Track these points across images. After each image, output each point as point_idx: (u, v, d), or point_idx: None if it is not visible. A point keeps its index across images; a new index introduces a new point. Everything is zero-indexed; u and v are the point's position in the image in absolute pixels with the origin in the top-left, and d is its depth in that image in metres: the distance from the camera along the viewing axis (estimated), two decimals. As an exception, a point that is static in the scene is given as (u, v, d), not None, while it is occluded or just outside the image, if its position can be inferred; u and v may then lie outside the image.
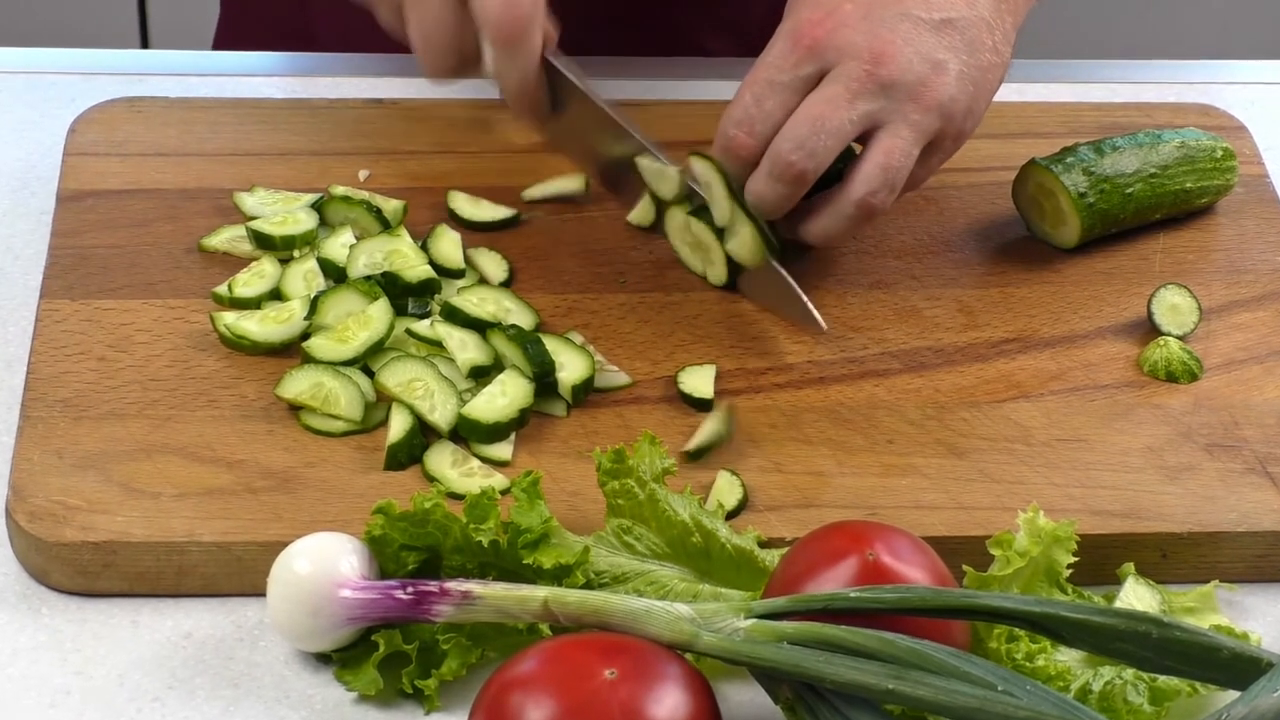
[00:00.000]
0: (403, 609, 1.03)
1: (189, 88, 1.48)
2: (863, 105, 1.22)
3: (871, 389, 1.24)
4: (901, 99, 1.22)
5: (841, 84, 1.22)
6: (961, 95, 1.24)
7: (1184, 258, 1.37)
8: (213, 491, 1.13)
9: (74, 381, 1.19)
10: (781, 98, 1.23)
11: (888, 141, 1.23)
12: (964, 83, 1.24)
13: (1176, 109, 1.51)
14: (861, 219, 1.25)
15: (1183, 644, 0.98)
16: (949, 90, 1.23)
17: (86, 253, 1.30)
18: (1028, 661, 1.04)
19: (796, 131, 1.22)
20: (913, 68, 1.22)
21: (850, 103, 1.22)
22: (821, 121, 1.22)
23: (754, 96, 1.24)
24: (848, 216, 1.25)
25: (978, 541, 1.10)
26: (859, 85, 1.22)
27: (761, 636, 0.99)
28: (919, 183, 1.28)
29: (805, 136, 1.22)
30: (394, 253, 1.28)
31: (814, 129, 1.21)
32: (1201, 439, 1.21)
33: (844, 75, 1.22)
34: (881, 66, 1.22)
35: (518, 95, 1.28)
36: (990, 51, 1.26)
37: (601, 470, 1.10)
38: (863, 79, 1.21)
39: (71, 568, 1.09)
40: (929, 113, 1.23)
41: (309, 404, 1.18)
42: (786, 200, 1.24)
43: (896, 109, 1.22)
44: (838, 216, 1.25)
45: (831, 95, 1.22)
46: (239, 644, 1.08)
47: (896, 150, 1.23)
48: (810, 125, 1.22)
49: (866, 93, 1.22)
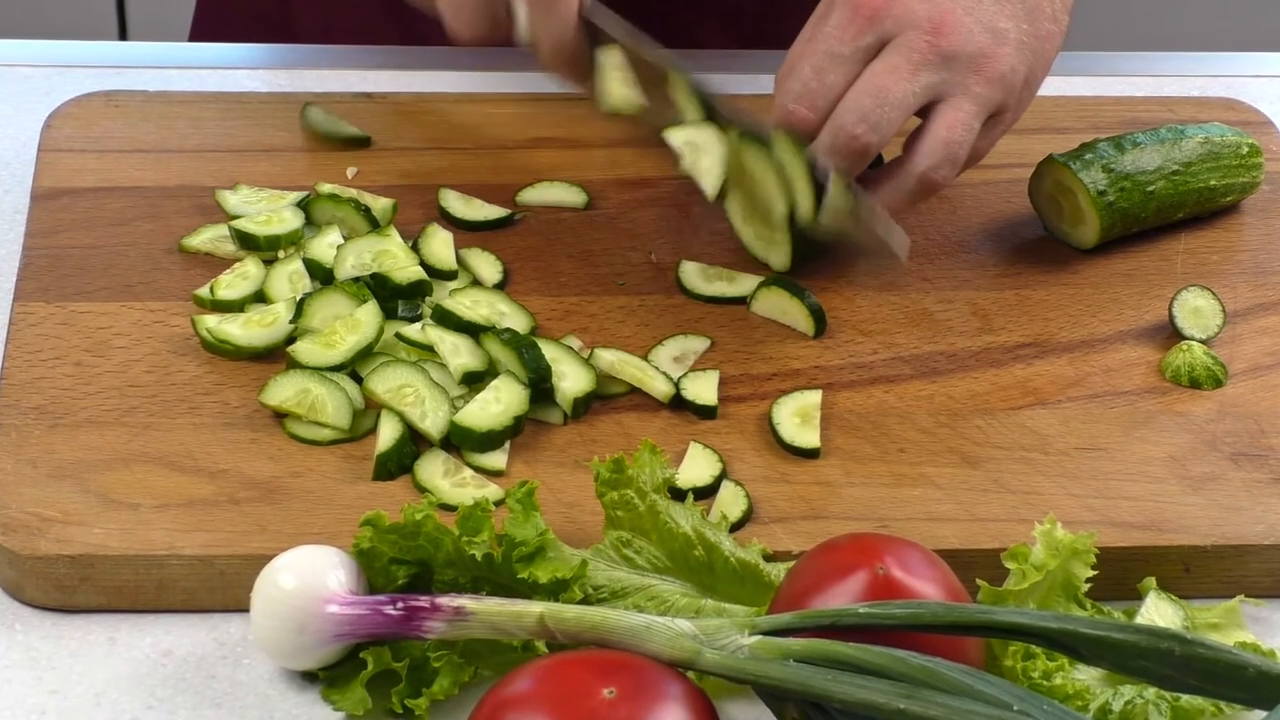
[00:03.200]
0: (392, 625, 1.03)
1: (169, 81, 1.48)
2: (925, 77, 1.24)
3: (881, 395, 1.24)
4: (963, 70, 1.24)
5: (903, 55, 1.24)
6: (1021, 65, 1.26)
7: (1208, 258, 1.37)
8: (194, 502, 1.13)
9: (49, 388, 1.19)
10: (843, 70, 1.25)
11: (950, 115, 1.25)
12: (1024, 52, 1.26)
13: (1200, 103, 1.51)
14: (922, 194, 1.27)
15: (1207, 662, 0.98)
16: (1010, 60, 1.25)
17: (62, 253, 1.30)
18: (1045, 680, 1.04)
19: (860, 104, 1.23)
20: (974, 38, 1.24)
21: (913, 74, 1.23)
22: (885, 93, 1.23)
23: (814, 69, 1.25)
24: (908, 191, 1.26)
25: (992, 555, 1.10)
26: (921, 56, 1.23)
27: (766, 654, 0.99)
28: (979, 156, 1.29)
29: (869, 109, 1.23)
30: (383, 253, 1.28)
31: (878, 101, 1.23)
32: (1226, 448, 1.22)
33: (905, 45, 1.24)
34: (943, 37, 1.24)
35: (555, 55, 1.28)
36: (1049, 20, 1.28)
37: (600, 480, 1.10)
38: (925, 49, 1.23)
39: (47, 582, 1.09)
40: (991, 85, 1.25)
41: (294, 411, 1.18)
42: (846, 174, 1.25)
43: (958, 81, 1.25)
44: (898, 191, 1.27)
45: (893, 66, 1.24)
46: (221, 662, 1.08)
47: (959, 124, 1.25)
48: (874, 97, 1.23)
49: (929, 64, 1.24)
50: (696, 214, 1.37)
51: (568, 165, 1.41)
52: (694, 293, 1.31)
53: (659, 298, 1.30)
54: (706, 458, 1.18)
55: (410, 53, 1.56)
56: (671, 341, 1.26)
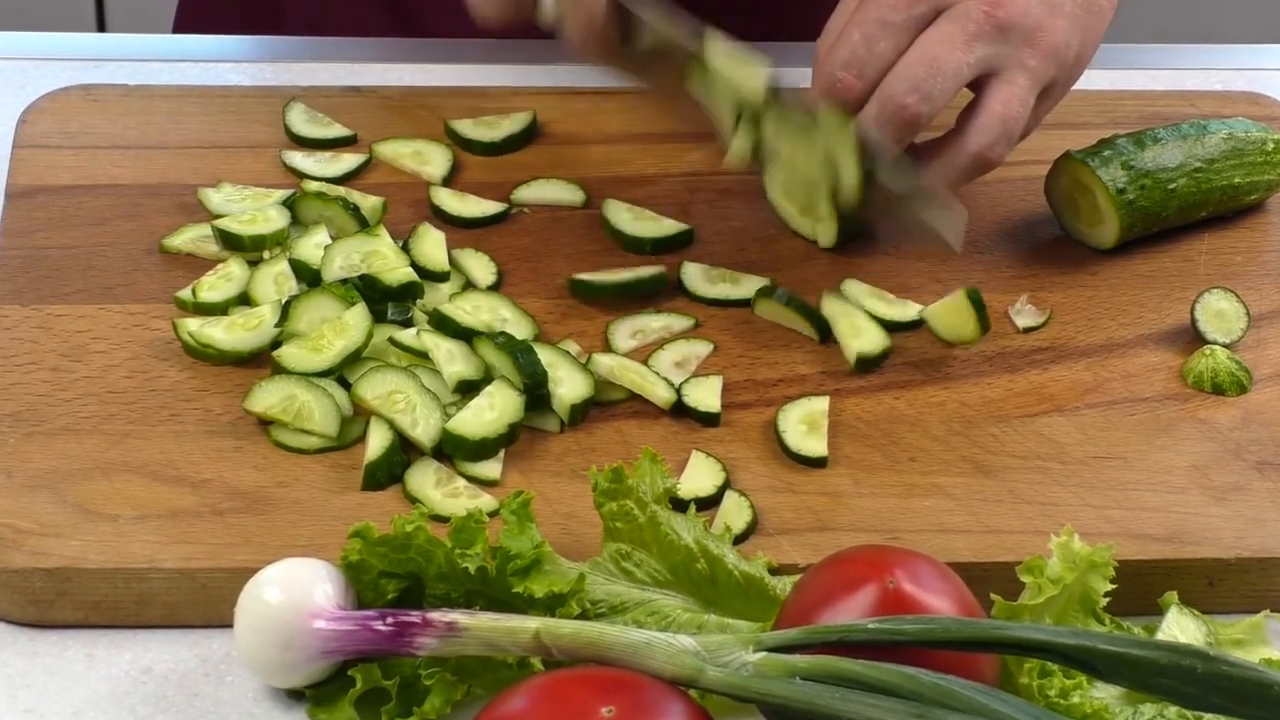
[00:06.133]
0: (382, 641, 1.03)
1: (149, 74, 1.49)
2: (980, 48, 1.25)
3: (892, 402, 1.24)
4: (1018, 44, 1.25)
5: (958, 24, 1.25)
6: (1074, 39, 1.28)
7: (1231, 259, 1.38)
8: (175, 513, 1.13)
9: (24, 394, 1.20)
10: (894, 39, 1.25)
11: (1006, 90, 1.26)
12: (1076, 27, 1.28)
13: (1223, 98, 1.51)
14: (976, 173, 1.28)
15: (1231, 679, 0.98)
16: (1064, 34, 1.27)
17: (38, 254, 1.30)
18: (1062, 699, 1.04)
19: (912, 73, 1.24)
20: (1030, 9, 1.25)
21: (968, 45, 1.24)
22: (938, 63, 1.24)
23: (864, 37, 1.25)
24: (961, 169, 1.27)
25: (1007, 568, 1.11)
26: (977, 27, 1.24)
27: (772, 671, 0.99)
28: (1027, 133, 1.30)
29: (921, 79, 1.24)
30: (372, 254, 1.28)
31: (931, 71, 1.24)
32: (1251, 456, 1.22)
33: (961, 14, 1.25)
34: (999, 8, 1.25)
35: (584, 37, 1.29)
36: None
37: (598, 490, 1.10)
38: (981, 20, 1.24)
39: (22, 596, 1.10)
40: (1045, 60, 1.26)
41: (280, 418, 1.18)
42: (894, 146, 1.25)
43: (1013, 54, 1.26)
44: (950, 169, 1.27)
45: (948, 35, 1.24)
46: (204, 679, 1.08)
47: (1015, 99, 1.26)
48: (927, 67, 1.24)
49: (984, 35, 1.25)
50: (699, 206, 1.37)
51: (565, 162, 1.41)
52: (696, 295, 1.31)
53: (660, 300, 1.30)
54: (709, 467, 1.18)
55: (401, 45, 1.57)
56: (673, 346, 1.26)
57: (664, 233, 1.35)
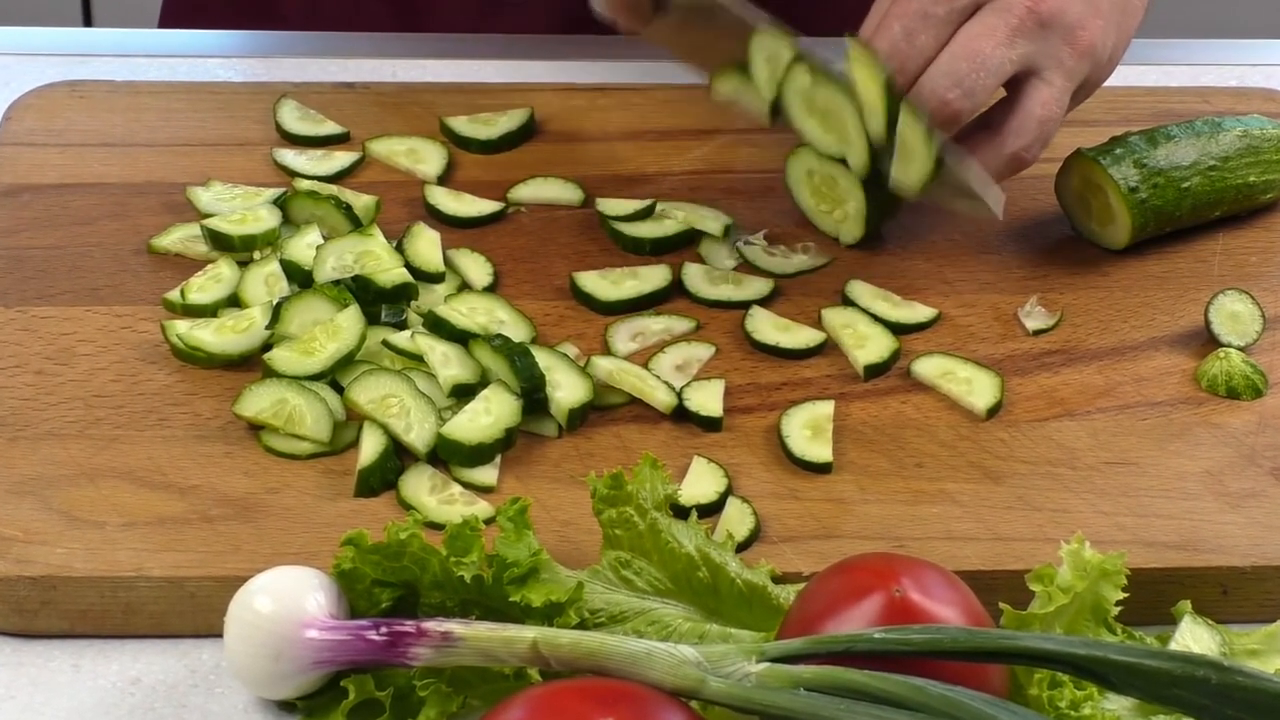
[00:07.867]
0: (375, 651, 1.03)
1: (137, 70, 1.49)
2: (1022, 44, 1.26)
3: (898, 406, 1.24)
4: (1058, 41, 1.27)
5: (1000, 17, 1.26)
6: (1109, 40, 1.29)
7: (1246, 260, 1.38)
8: (164, 520, 1.13)
9: (9, 398, 1.20)
10: (936, 32, 1.26)
11: (1044, 91, 1.27)
12: (1111, 26, 1.29)
13: (1238, 94, 1.51)
14: (1010, 172, 1.29)
15: (1246, 690, 0.98)
16: (1100, 32, 1.28)
17: (22, 254, 1.30)
18: (1072, 710, 1.04)
19: (955, 67, 1.25)
20: (1071, 5, 1.27)
21: (1010, 39, 1.26)
22: (980, 58, 1.25)
23: (904, 30, 1.26)
24: (996, 170, 1.28)
25: (1016, 576, 1.11)
26: (1019, 20, 1.26)
27: (775, 682, 0.99)
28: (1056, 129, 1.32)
29: (964, 73, 1.25)
30: (365, 254, 1.28)
31: (973, 65, 1.25)
32: (1267, 462, 1.22)
33: (1003, 8, 1.26)
34: (1041, 2, 1.26)
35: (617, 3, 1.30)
36: None
37: (597, 497, 1.10)
38: (1023, 14, 1.26)
39: (6, 605, 1.10)
40: (1082, 58, 1.28)
41: (271, 423, 1.18)
42: None
43: (1052, 53, 1.27)
44: (985, 167, 1.28)
45: (990, 28, 1.26)
46: (193, 690, 1.08)
47: (1053, 101, 1.28)
48: (970, 61, 1.25)
49: (1026, 30, 1.26)
50: None
51: (563, 160, 1.41)
52: (697, 296, 1.31)
53: (660, 302, 1.30)
54: (711, 473, 1.18)
55: (395, 41, 1.57)
56: (674, 349, 1.27)
57: (664, 233, 1.35)
